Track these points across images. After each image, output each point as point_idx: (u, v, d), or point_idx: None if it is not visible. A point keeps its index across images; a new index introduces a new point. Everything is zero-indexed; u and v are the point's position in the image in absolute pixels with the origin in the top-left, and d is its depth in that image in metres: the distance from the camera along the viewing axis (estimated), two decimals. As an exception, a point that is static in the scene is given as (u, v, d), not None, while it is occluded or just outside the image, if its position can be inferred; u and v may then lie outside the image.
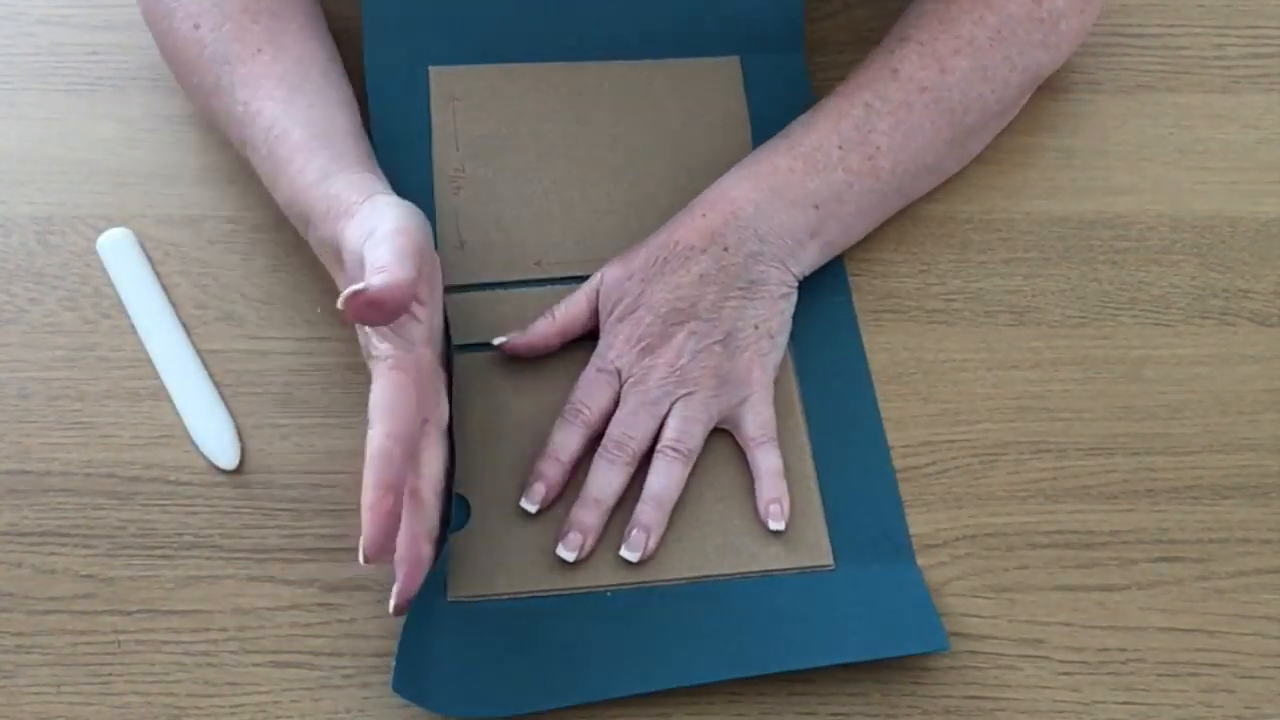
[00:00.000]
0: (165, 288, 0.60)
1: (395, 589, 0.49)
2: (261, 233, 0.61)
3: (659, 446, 0.54)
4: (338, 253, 0.51)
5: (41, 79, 0.67)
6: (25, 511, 0.54)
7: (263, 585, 0.52)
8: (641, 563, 0.52)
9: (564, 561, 0.52)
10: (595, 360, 0.56)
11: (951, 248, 0.62)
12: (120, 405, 0.56)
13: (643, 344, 0.55)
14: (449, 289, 0.58)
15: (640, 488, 0.54)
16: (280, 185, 0.55)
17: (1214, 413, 0.57)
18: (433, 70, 0.64)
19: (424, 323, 0.51)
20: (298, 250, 0.59)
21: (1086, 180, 0.64)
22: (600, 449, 0.54)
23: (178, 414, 0.56)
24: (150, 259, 0.61)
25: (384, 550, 0.45)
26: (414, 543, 0.49)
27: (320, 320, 0.59)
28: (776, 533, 0.53)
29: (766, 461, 0.54)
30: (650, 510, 0.53)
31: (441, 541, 0.50)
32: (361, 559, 0.45)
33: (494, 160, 0.62)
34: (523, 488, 0.54)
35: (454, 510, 0.52)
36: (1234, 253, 0.62)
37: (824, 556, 0.53)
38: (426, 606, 0.50)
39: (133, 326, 0.59)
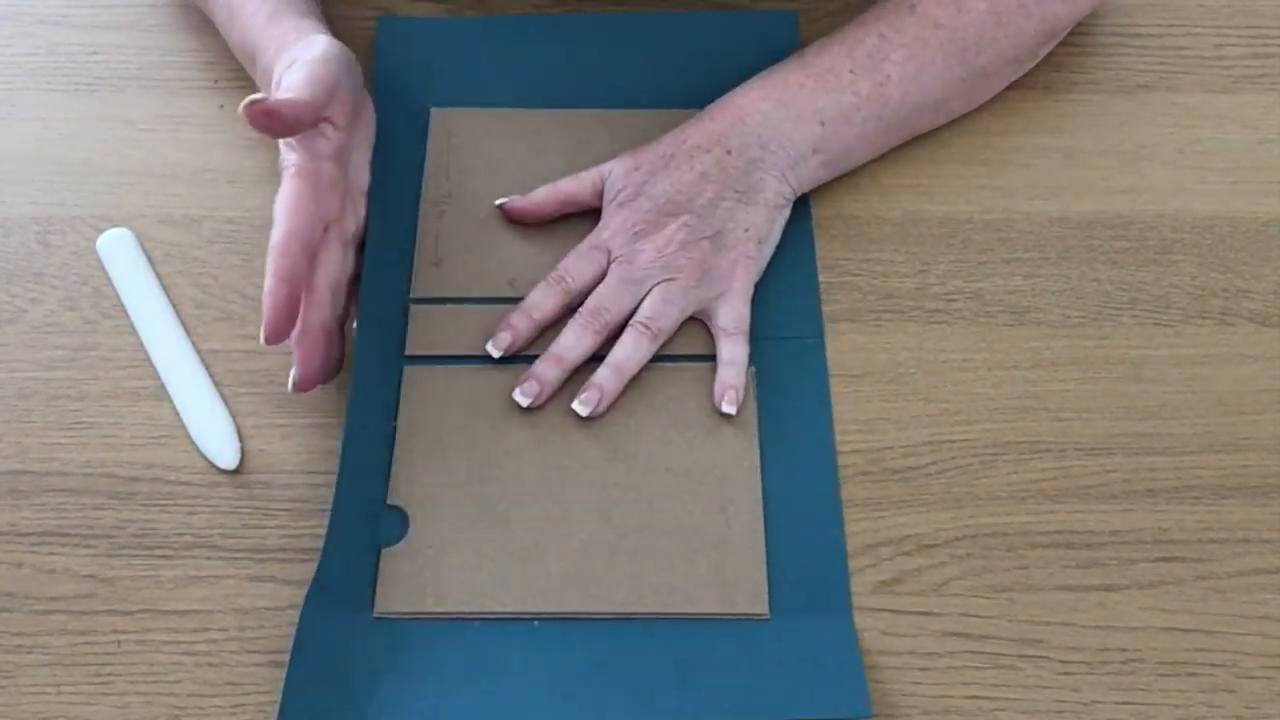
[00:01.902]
0: (165, 288, 0.60)
1: (292, 370, 0.54)
2: (261, 233, 0.61)
3: (631, 321, 0.57)
4: (274, 82, 0.57)
5: (41, 79, 0.67)
6: (25, 511, 0.54)
7: (263, 585, 0.52)
8: (590, 418, 0.55)
9: (520, 406, 0.55)
10: (590, 238, 0.59)
11: (951, 248, 0.62)
12: (120, 405, 0.56)
13: (637, 229, 0.58)
14: (420, 300, 0.59)
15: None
16: (235, 29, 0.62)
17: (1214, 413, 0.57)
18: (434, 111, 0.65)
19: (331, 140, 0.56)
20: (298, 250, 0.59)
21: (1086, 180, 0.64)
22: (575, 315, 0.57)
23: (178, 414, 0.56)
24: (150, 259, 0.61)
25: (279, 333, 0.52)
26: (308, 329, 0.54)
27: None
28: (726, 416, 0.55)
29: (732, 351, 0.57)
30: (609, 375, 0.55)
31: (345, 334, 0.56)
32: (261, 340, 0.51)
33: (481, 189, 0.62)
34: (466, 504, 0.53)
35: (391, 523, 0.53)
36: (1234, 253, 0.62)
37: (759, 606, 0.51)
38: (344, 624, 0.50)
39: (133, 326, 0.59)
